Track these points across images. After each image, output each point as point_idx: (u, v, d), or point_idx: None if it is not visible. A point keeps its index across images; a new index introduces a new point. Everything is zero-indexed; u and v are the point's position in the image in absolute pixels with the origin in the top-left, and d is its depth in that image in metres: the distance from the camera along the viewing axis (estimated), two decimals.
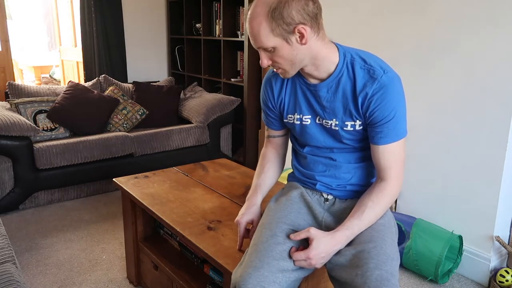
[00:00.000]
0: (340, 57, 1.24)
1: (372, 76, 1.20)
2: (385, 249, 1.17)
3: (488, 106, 2.08)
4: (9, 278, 1.36)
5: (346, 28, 2.68)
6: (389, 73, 1.20)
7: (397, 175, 1.25)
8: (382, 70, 1.20)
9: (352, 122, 1.26)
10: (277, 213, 1.33)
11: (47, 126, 3.30)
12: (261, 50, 1.20)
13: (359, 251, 1.17)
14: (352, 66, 1.23)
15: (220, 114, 3.71)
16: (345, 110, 1.25)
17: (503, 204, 2.14)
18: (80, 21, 4.22)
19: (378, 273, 1.09)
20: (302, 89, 1.32)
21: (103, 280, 2.19)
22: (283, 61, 1.21)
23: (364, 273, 1.09)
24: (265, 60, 1.22)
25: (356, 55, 1.24)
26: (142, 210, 1.98)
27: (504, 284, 2.10)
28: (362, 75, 1.21)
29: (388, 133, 1.22)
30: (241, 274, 1.15)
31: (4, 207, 2.92)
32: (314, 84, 1.28)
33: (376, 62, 1.22)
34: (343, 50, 1.25)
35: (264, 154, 1.53)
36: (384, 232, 1.25)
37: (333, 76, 1.24)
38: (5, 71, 4.19)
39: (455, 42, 2.17)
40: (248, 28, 1.19)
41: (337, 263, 1.19)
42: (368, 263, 1.12)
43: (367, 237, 1.21)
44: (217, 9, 4.08)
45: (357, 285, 1.09)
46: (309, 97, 1.31)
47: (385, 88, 1.18)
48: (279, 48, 1.17)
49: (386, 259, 1.14)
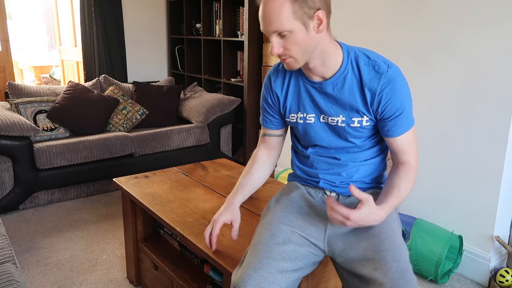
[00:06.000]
0: (344, 55, 1.24)
1: (378, 71, 1.20)
2: (397, 240, 1.20)
3: (488, 106, 2.08)
4: (9, 278, 1.36)
5: (346, 28, 2.68)
6: (393, 67, 1.21)
7: (415, 158, 1.28)
8: (386, 65, 1.21)
9: (359, 118, 1.25)
10: (277, 213, 1.33)
11: (47, 126, 3.30)
12: (274, 36, 1.16)
13: (371, 244, 1.18)
14: (357, 63, 1.23)
15: (220, 114, 3.71)
16: (351, 107, 1.25)
17: (503, 204, 2.14)
18: (80, 21, 4.22)
19: (396, 265, 1.11)
20: (306, 88, 1.30)
21: (103, 280, 2.19)
22: (296, 49, 1.17)
23: (383, 266, 1.11)
24: (276, 47, 1.18)
25: (359, 52, 1.25)
26: (142, 210, 1.98)
27: (504, 284, 2.10)
28: (367, 71, 1.22)
29: (401, 125, 1.24)
30: (240, 275, 1.15)
31: (4, 207, 2.92)
32: (319, 82, 1.27)
33: (379, 58, 1.23)
34: (346, 48, 1.26)
35: (254, 154, 1.50)
36: (392, 223, 1.26)
37: (339, 73, 1.24)
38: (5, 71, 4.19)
39: (455, 41, 2.17)
40: (265, 9, 1.14)
41: (348, 257, 1.20)
42: (385, 255, 1.13)
43: (376, 229, 1.21)
44: (217, 9, 4.08)
45: (377, 278, 1.10)
46: (314, 95, 1.29)
47: (393, 82, 1.20)
48: (295, 33, 1.14)
49: (400, 250, 1.17)
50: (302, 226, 1.29)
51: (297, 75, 1.33)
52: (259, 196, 1.83)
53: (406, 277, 1.09)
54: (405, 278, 1.09)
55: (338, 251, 1.24)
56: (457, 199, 2.26)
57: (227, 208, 1.39)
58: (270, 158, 1.49)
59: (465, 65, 2.15)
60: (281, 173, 3.08)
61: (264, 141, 1.48)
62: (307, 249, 1.25)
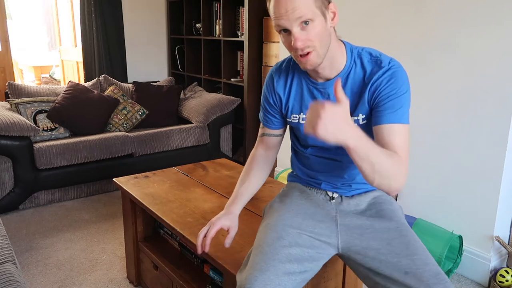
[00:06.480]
0: (347, 53, 1.23)
1: (380, 65, 1.20)
2: (418, 241, 1.20)
3: (488, 106, 2.08)
4: (9, 278, 1.36)
5: (346, 28, 2.68)
6: (396, 63, 1.21)
7: (406, 157, 1.14)
8: (388, 60, 1.21)
9: (355, 118, 1.24)
10: (282, 214, 1.31)
11: (47, 126, 3.30)
12: (295, 26, 1.11)
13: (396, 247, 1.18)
14: (361, 60, 1.23)
15: (220, 114, 3.71)
16: (352, 105, 1.22)
17: (503, 204, 2.14)
18: (80, 21, 4.22)
19: (429, 269, 1.11)
20: (309, 88, 1.29)
21: (103, 280, 2.19)
22: (318, 40, 1.13)
23: (415, 271, 1.11)
24: (301, 38, 1.11)
25: (362, 50, 1.25)
26: (142, 210, 1.98)
27: (504, 284, 2.10)
28: (371, 67, 1.21)
29: (393, 112, 1.16)
30: (246, 276, 1.14)
31: (4, 207, 2.92)
32: (322, 83, 1.26)
33: (382, 55, 1.23)
34: (350, 47, 1.25)
35: (253, 156, 1.47)
36: (405, 223, 1.27)
37: (342, 73, 1.23)
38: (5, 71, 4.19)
39: (455, 41, 2.17)
40: (285, 0, 1.09)
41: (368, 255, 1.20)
42: (415, 260, 1.13)
43: (395, 230, 1.22)
44: (217, 9, 4.08)
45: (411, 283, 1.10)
46: (317, 96, 1.28)
47: (393, 71, 1.18)
48: (316, 23, 1.11)
49: (426, 253, 1.17)
50: (311, 225, 1.27)
51: (300, 76, 1.31)
52: (259, 196, 1.83)
53: (442, 280, 1.09)
54: (441, 281, 1.09)
55: (356, 249, 1.23)
56: (457, 199, 2.26)
57: (227, 215, 1.36)
58: (268, 159, 1.47)
59: (465, 65, 2.15)
60: (281, 173, 3.09)
61: (263, 141, 1.46)
62: (316, 250, 1.24)
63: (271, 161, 1.48)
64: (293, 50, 1.16)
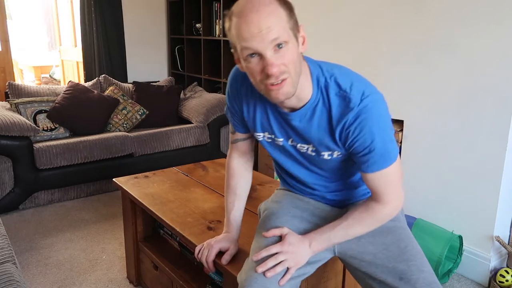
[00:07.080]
0: (313, 82, 1.08)
1: (348, 104, 1.04)
2: (416, 247, 1.19)
3: (488, 106, 2.08)
4: (9, 278, 1.36)
5: (346, 28, 2.68)
6: (368, 97, 1.04)
7: (392, 198, 1.13)
8: (359, 96, 1.04)
9: (329, 152, 1.15)
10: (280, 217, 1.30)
11: (47, 126, 3.30)
12: (269, 49, 0.96)
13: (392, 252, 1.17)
14: (327, 93, 1.07)
15: (220, 114, 3.71)
16: (320, 142, 1.13)
17: (503, 204, 2.14)
18: (80, 21, 4.22)
19: (423, 276, 1.11)
20: (274, 114, 1.18)
21: (103, 280, 2.19)
22: (293, 66, 0.99)
23: (410, 277, 1.11)
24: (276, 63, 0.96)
25: (329, 79, 1.08)
26: (142, 210, 1.98)
27: (504, 284, 2.10)
28: (337, 103, 1.06)
29: (375, 161, 1.07)
30: (246, 277, 1.16)
31: (4, 207, 2.92)
32: (286, 112, 1.13)
33: (353, 85, 1.06)
34: (316, 73, 1.09)
35: (229, 167, 1.38)
36: (406, 227, 1.26)
37: (308, 105, 1.09)
38: (5, 71, 4.20)
39: (455, 41, 2.17)
40: (259, 16, 0.94)
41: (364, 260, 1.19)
42: (410, 266, 1.13)
43: (393, 235, 1.20)
44: (217, 9, 4.08)
45: None
46: (281, 122, 1.17)
47: (363, 116, 1.03)
48: (290, 46, 0.98)
49: (423, 259, 1.16)
50: (308, 230, 1.26)
51: (263, 101, 1.17)
52: (259, 196, 1.83)
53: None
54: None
55: (352, 254, 1.22)
56: (457, 199, 2.26)
57: (228, 238, 1.35)
58: (247, 165, 1.39)
59: (465, 65, 2.15)
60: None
61: (237, 148, 1.37)
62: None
63: (250, 164, 1.41)
64: (264, 78, 0.99)
